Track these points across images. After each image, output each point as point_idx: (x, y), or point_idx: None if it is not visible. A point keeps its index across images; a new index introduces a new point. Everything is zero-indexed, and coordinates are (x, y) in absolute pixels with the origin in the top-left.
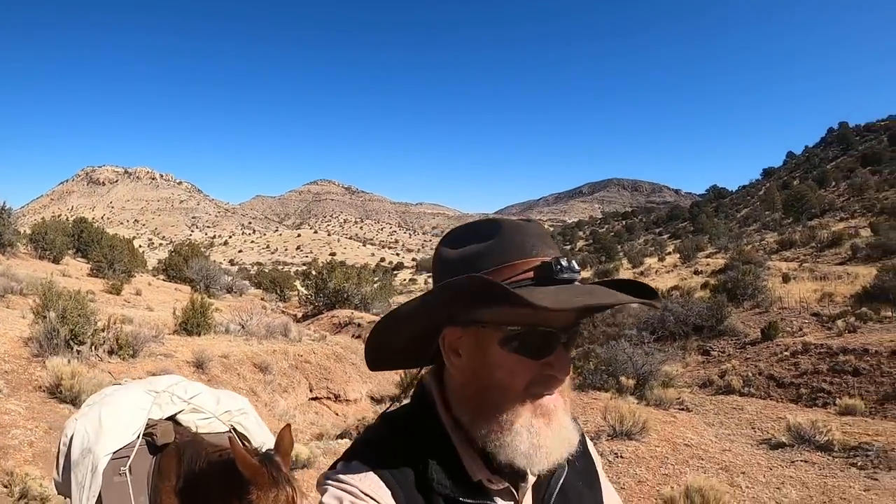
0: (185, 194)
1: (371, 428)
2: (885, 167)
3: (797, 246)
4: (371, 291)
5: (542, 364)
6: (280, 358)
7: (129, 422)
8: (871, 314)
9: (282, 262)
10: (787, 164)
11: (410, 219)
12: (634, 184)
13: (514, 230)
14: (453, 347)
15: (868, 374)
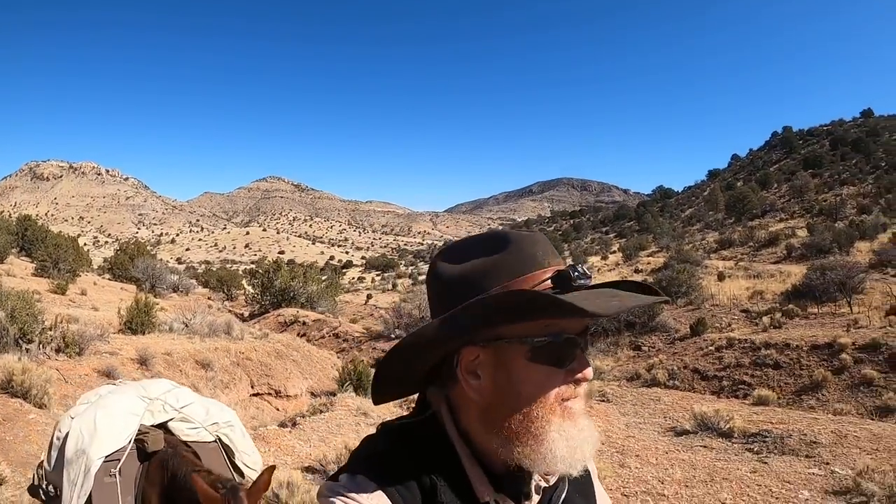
0: (132, 191)
1: (374, 441)
2: (826, 170)
3: (735, 245)
4: (317, 290)
5: (566, 371)
6: (222, 355)
7: (123, 427)
8: (798, 311)
9: (230, 261)
10: (732, 165)
11: (360, 217)
12: (584, 183)
13: (525, 241)
14: (471, 370)
15: (788, 368)
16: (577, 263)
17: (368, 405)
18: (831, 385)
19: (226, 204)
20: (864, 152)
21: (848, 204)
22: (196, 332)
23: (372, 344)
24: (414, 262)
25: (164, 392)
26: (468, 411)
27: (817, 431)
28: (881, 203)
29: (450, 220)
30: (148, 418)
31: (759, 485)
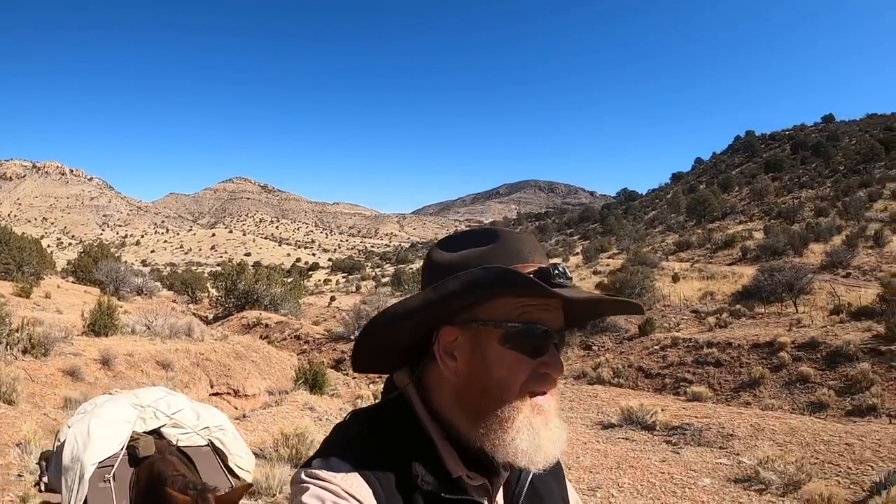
0: (97, 191)
1: (345, 425)
2: (786, 173)
3: (693, 247)
4: (281, 293)
5: (538, 363)
6: (182, 356)
7: (115, 434)
8: (745, 311)
9: (195, 263)
10: (696, 169)
11: (327, 218)
12: (551, 185)
13: (513, 238)
14: (449, 350)
15: (728, 365)
16: (560, 264)
17: (315, 401)
18: (768, 382)
19: (191, 205)
20: (823, 156)
21: (806, 206)
22: (157, 334)
23: (332, 345)
24: (380, 263)
25: (156, 399)
26: (442, 391)
27: (737, 425)
28: (838, 206)
29: (417, 222)
30: (140, 425)
31: (663, 472)
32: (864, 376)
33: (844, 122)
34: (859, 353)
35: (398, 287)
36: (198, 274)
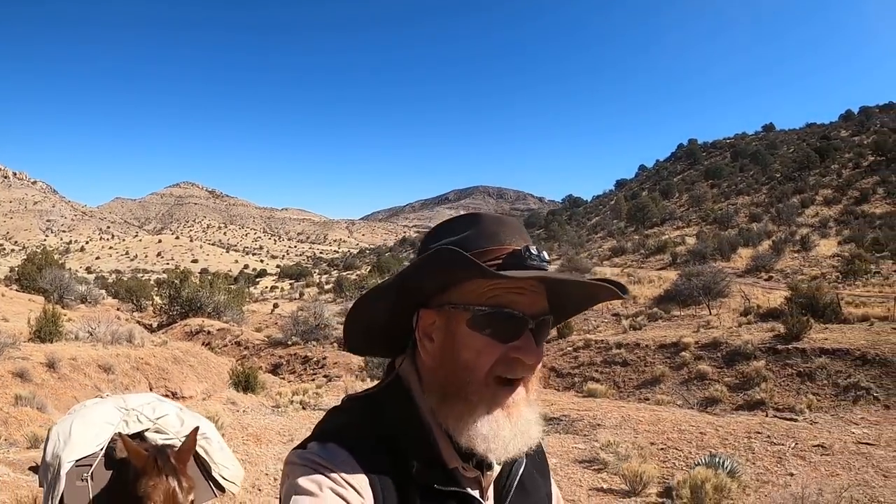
0: (40, 195)
1: (340, 411)
2: (724, 181)
3: (628, 252)
4: (224, 300)
5: (508, 348)
6: (123, 360)
7: (96, 435)
8: (662, 313)
9: (141, 270)
10: (639, 176)
11: (276, 224)
12: (500, 191)
13: (492, 222)
14: (427, 332)
15: (634, 365)
16: (534, 245)
17: (239, 397)
18: (668, 379)
19: (137, 210)
20: (761, 164)
21: (741, 213)
22: (100, 340)
23: (270, 350)
24: (328, 270)
25: (142, 404)
26: (423, 374)
27: (608, 417)
28: (771, 212)
29: (366, 228)
30: (123, 428)
31: None
32: (758, 373)
33: (784, 131)
34: (757, 351)
35: (340, 293)
36: (143, 281)
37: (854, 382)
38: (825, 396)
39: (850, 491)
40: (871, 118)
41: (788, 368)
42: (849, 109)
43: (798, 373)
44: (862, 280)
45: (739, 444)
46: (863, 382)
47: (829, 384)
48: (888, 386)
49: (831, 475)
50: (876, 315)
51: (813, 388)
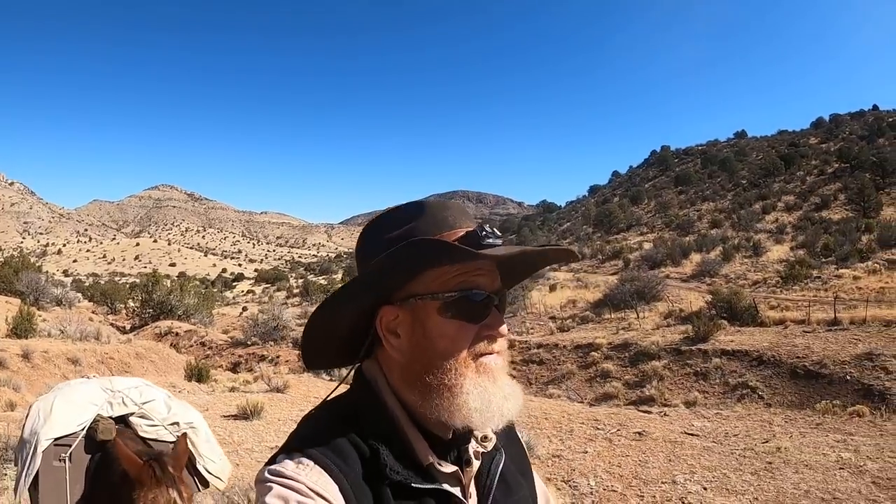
0: (17, 196)
1: (312, 417)
2: (693, 187)
3: (586, 258)
4: (194, 303)
5: (480, 326)
6: (89, 354)
7: (78, 414)
8: (593, 316)
9: (118, 273)
10: (612, 182)
11: (255, 228)
12: (479, 196)
13: (437, 207)
14: (391, 329)
15: (549, 363)
16: (487, 223)
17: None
18: (576, 377)
19: (116, 213)
20: (728, 171)
21: (704, 219)
22: (70, 337)
23: (231, 350)
24: (304, 274)
25: (129, 387)
26: (392, 372)
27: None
28: (733, 218)
29: (345, 232)
30: (107, 409)
31: None
32: (655, 372)
33: (755, 138)
34: (662, 352)
35: (306, 297)
36: (118, 285)
37: (743, 382)
38: (713, 394)
39: (617, 464)
40: (840, 126)
41: (687, 368)
42: (820, 117)
43: (695, 372)
44: (800, 284)
45: (565, 428)
46: (751, 382)
47: (721, 383)
48: (775, 385)
49: (622, 455)
50: (794, 319)
51: (704, 387)
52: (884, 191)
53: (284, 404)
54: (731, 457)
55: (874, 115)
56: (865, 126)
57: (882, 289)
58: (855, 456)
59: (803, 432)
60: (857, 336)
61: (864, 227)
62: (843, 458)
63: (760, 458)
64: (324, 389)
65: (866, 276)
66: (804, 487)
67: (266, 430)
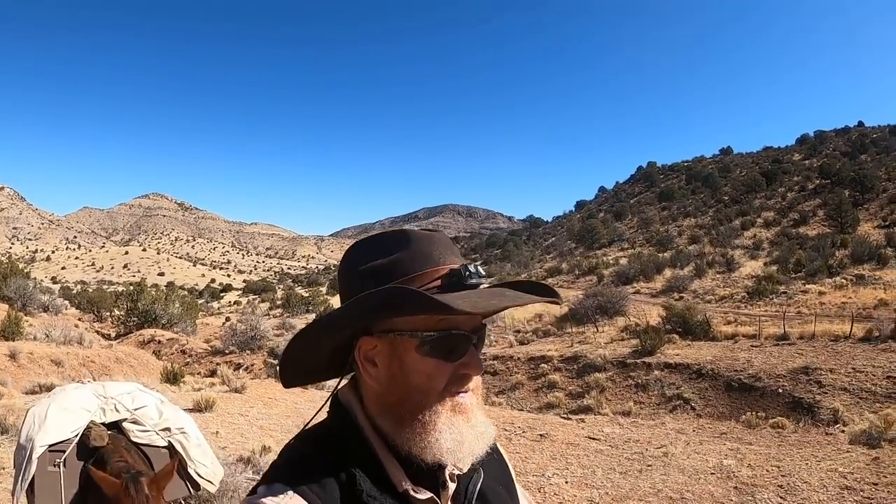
0: (7, 201)
1: (290, 447)
2: (676, 203)
3: (563, 273)
4: (178, 312)
5: (457, 365)
6: (72, 357)
7: (72, 421)
8: (555, 330)
9: (107, 282)
10: (598, 197)
11: (244, 239)
12: (469, 210)
13: (422, 240)
14: (369, 357)
15: (501, 374)
16: (471, 263)
17: (155, 384)
18: (525, 387)
19: (105, 220)
20: (711, 187)
21: (685, 234)
22: (54, 340)
23: (210, 358)
24: (292, 286)
25: (122, 393)
26: (369, 398)
27: None
28: (712, 234)
29: (335, 245)
30: (100, 416)
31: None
32: (598, 383)
33: (741, 154)
34: (608, 364)
35: (287, 309)
36: (105, 293)
37: (679, 394)
38: (648, 405)
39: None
40: (825, 142)
41: (629, 380)
42: (805, 133)
43: (636, 384)
44: (765, 300)
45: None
46: (686, 394)
47: (658, 394)
48: (709, 397)
49: (512, 452)
50: (746, 333)
51: (642, 398)
52: (862, 206)
53: (238, 402)
54: (616, 459)
55: (859, 131)
56: (849, 142)
57: (843, 304)
58: (736, 463)
59: (703, 441)
60: (801, 351)
61: (839, 243)
62: (723, 465)
63: (643, 462)
64: (280, 392)
65: (832, 291)
66: (660, 486)
67: (214, 420)
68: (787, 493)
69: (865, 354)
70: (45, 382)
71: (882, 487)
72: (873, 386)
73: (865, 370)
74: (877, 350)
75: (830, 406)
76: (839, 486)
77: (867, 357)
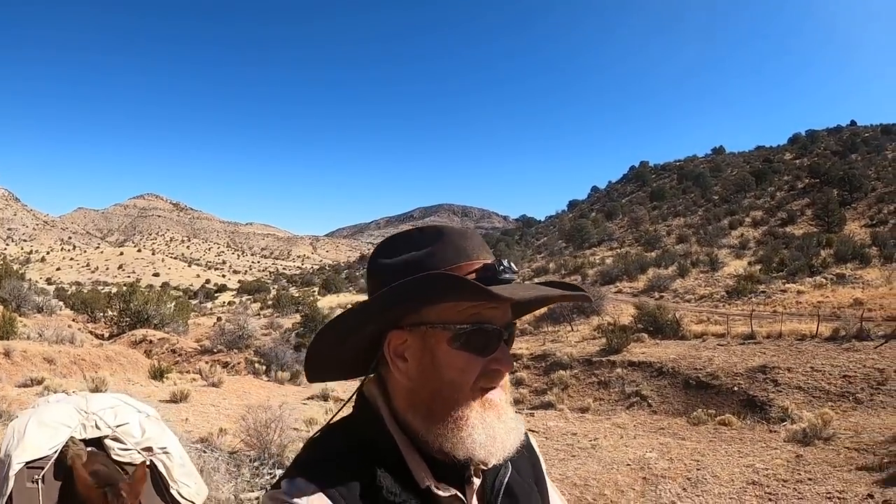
0: (1, 202)
1: (314, 441)
2: (666, 203)
3: (549, 272)
4: (170, 313)
5: (488, 360)
6: (63, 355)
7: (50, 437)
8: (532, 329)
9: (101, 283)
10: (591, 197)
11: (240, 239)
12: (465, 210)
13: (457, 235)
14: (399, 353)
15: None
16: (505, 258)
17: (138, 378)
18: None
19: (100, 221)
20: (702, 186)
21: (673, 234)
22: (47, 339)
23: (199, 357)
24: (286, 287)
25: (104, 408)
26: (398, 395)
27: None
28: (700, 233)
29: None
30: (80, 432)
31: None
32: (562, 380)
33: (732, 154)
34: (574, 362)
35: (278, 309)
36: (99, 293)
37: (637, 391)
38: (608, 401)
39: None
40: (816, 141)
41: (593, 377)
42: (797, 132)
43: (599, 381)
44: (744, 299)
45: None
46: (644, 391)
47: (618, 391)
48: (666, 395)
49: None
50: (716, 332)
51: (603, 394)
52: (850, 206)
53: (213, 394)
54: (545, 450)
55: (851, 130)
56: (840, 142)
57: (820, 303)
58: (657, 456)
59: (638, 435)
60: (765, 350)
61: (824, 242)
62: (643, 457)
63: (569, 452)
64: (254, 386)
65: (811, 290)
66: (570, 474)
67: (187, 409)
68: (692, 485)
69: (827, 354)
70: (37, 377)
71: (790, 484)
72: (828, 385)
73: (823, 369)
74: (840, 349)
75: (781, 405)
76: (747, 481)
77: (828, 356)
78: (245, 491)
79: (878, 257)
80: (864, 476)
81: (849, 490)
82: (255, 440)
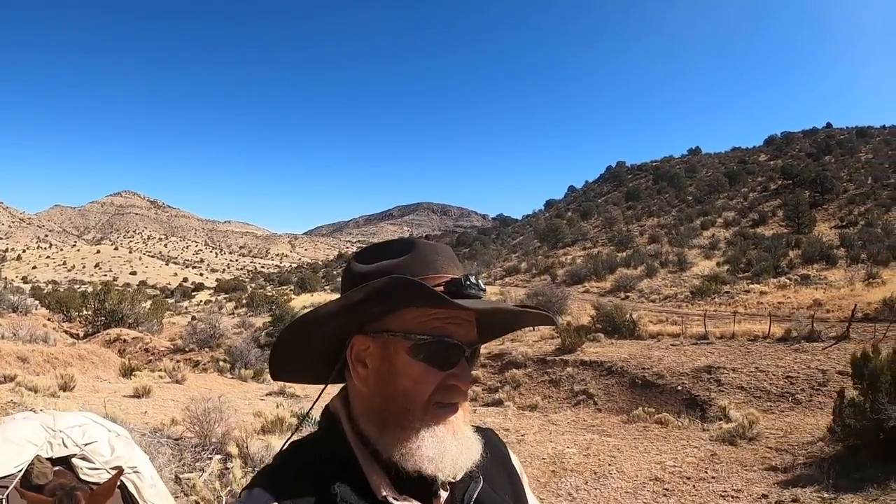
0: None
1: (278, 455)
2: (641, 203)
3: (521, 272)
4: (145, 312)
5: (446, 375)
6: (37, 354)
7: (15, 454)
8: None
9: (78, 281)
10: (567, 196)
11: (218, 237)
12: (444, 208)
13: (428, 249)
14: (360, 358)
15: None
16: (472, 274)
17: (108, 376)
18: None
19: (77, 219)
20: (677, 187)
21: (646, 234)
22: (21, 339)
23: (171, 356)
24: (263, 285)
25: (72, 426)
26: (355, 401)
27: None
28: (672, 233)
29: (308, 243)
30: (47, 450)
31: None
32: (514, 379)
33: (708, 155)
34: (529, 361)
35: (251, 308)
36: (74, 292)
37: (585, 389)
38: (556, 399)
39: None
40: (791, 143)
41: (545, 376)
42: (773, 134)
43: (550, 380)
44: (706, 299)
45: None
46: (591, 389)
47: (568, 389)
48: (612, 393)
49: None
50: (671, 332)
51: (553, 393)
52: (821, 207)
53: (175, 390)
54: None
55: (826, 132)
56: (815, 144)
57: (780, 304)
58: (576, 451)
59: (566, 432)
60: (715, 350)
61: (793, 243)
62: (562, 452)
63: None
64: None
65: (774, 291)
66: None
67: (148, 403)
68: (596, 479)
69: (775, 354)
70: (9, 374)
71: (692, 482)
72: (770, 385)
73: (768, 370)
74: (789, 350)
75: (721, 404)
76: (650, 477)
77: (775, 357)
78: (186, 473)
79: (845, 258)
80: (768, 476)
81: (746, 489)
82: (196, 427)
